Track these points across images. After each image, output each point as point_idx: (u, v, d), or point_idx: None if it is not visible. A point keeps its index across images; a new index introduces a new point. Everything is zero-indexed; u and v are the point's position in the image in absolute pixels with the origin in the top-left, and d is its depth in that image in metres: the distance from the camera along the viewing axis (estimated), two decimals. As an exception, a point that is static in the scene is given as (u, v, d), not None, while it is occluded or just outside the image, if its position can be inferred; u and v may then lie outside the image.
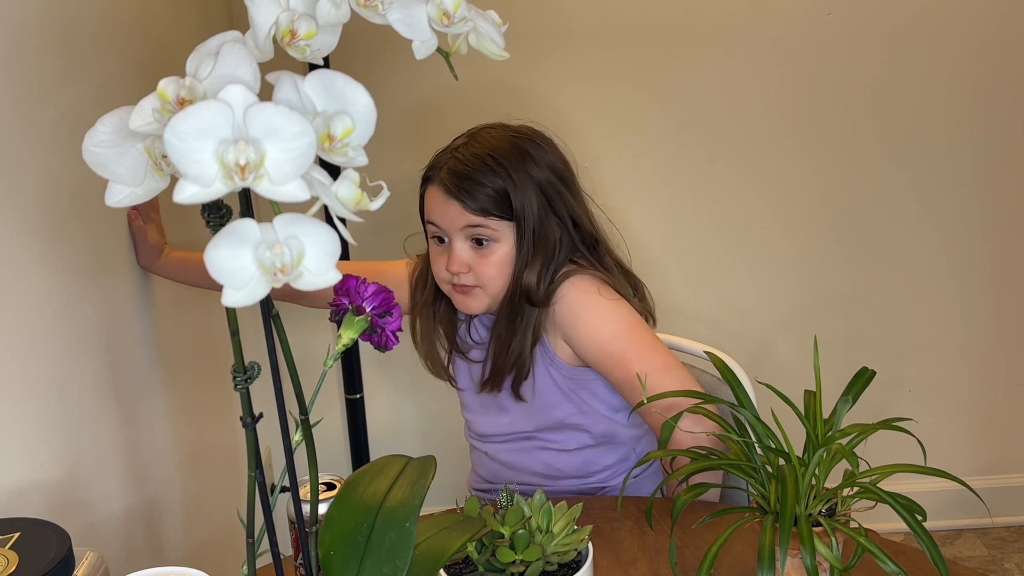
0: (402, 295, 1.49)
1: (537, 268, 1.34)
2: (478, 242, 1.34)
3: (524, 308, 1.35)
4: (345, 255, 1.94)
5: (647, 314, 1.42)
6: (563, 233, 1.36)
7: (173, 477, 1.44)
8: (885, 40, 2.04)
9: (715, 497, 1.39)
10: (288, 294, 1.51)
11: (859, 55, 2.04)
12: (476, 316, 1.44)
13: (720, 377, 1.11)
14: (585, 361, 1.38)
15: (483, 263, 1.34)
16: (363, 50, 1.95)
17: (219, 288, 0.57)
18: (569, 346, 1.37)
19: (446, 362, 1.48)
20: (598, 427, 1.42)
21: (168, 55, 1.47)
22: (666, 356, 1.34)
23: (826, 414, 0.99)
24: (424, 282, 1.46)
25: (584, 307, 1.35)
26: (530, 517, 0.97)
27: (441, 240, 1.37)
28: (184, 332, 1.56)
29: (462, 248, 1.34)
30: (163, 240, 1.42)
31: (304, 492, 1.00)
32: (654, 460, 1.45)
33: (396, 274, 1.50)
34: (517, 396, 1.39)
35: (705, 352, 1.29)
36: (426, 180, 1.37)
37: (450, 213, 1.33)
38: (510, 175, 1.32)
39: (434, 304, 1.45)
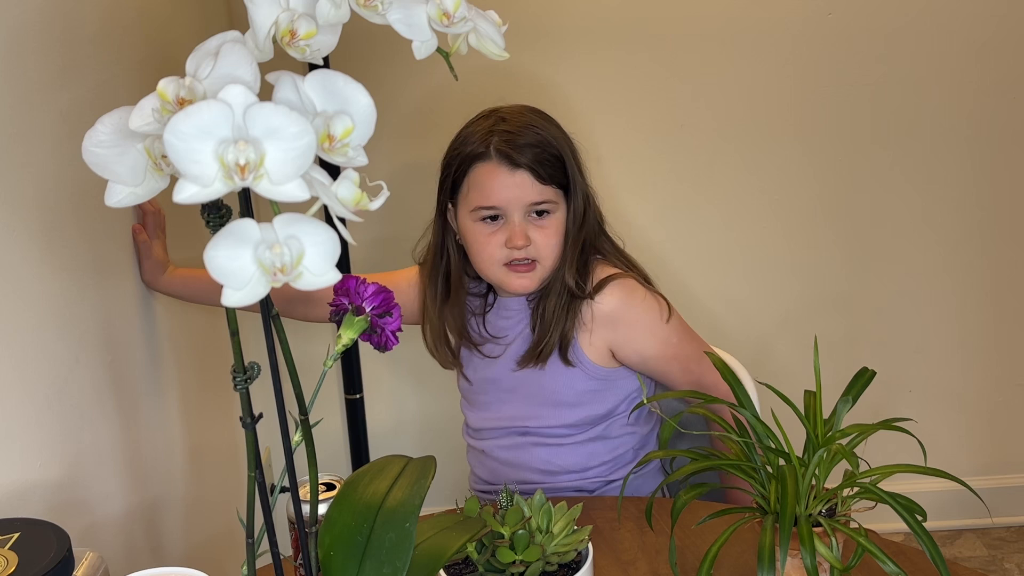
0: (412, 302, 1.48)
1: (580, 245, 1.35)
2: (537, 214, 1.34)
3: (563, 277, 1.36)
4: (344, 255, 1.95)
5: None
6: (589, 203, 1.38)
7: (173, 477, 1.44)
8: (885, 40, 2.04)
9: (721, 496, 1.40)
10: (287, 307, 1.51)
11: (859, 55, 2.04)
12: (494, 307, 1.44)
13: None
14: (629, 362, 1.40)
15: (544, 234, 1.34)
16: (363, 50, 1.95)
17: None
18: (612, 348, 1.38)
19: (456, 353, 1.47)
20: (596, 427, 1.42)
21: (168, 55, 1.47)
22: (703, 344, 1.41)
23: (826, 414, 0.99)
24: (435, 281, 1.44)
25: (638, 312, 1.37)
26: (530, 517, 0.97)
27: (493, 219, 1.34)
28: (184, 332, 1.56)
29: (522, 221, 1.33)
30: (167, 258, 1.42)
31: (304, 492, 1.00)
32: (653, 459, 1.45)
33: (406, 281, 1.49)
34: (567, 362, 1.38)
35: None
36: (470, 160, 1.33)
37: (520, 187, 1.31)
38: (555, 140, 1.34)
39: (445, 302, 1.44)
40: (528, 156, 1.31)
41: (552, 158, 1.33)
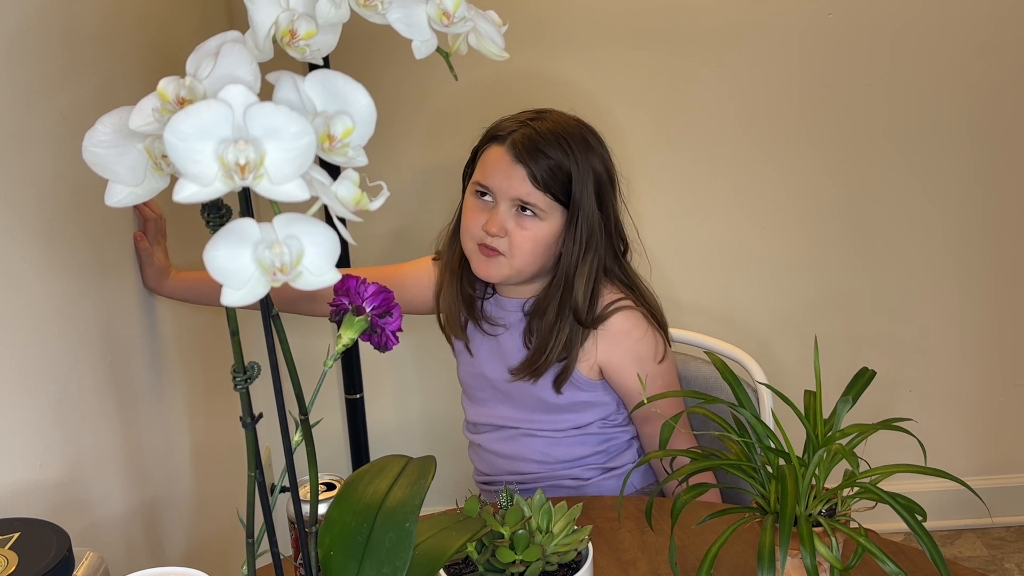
0: (425, 291, 1.50)
1: (586, 272, 1.36)
2: (522, 210, 1.35)
3: (572, 304, 1.37)
4: (344, 255, 1.95)
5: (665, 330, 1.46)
6: (604, 234, 1.38)
7: (173, 477, 1.44)
8: (886, 40, 2.04)
9: (717, 497, 1.40)
10: (292, 305, 1.52)
11: (859, 55, 2.04)
12: (493, 297, 1.45)
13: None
14: (613, 381, 1.42)
15: (521, 234, 1.35)
16: (363, 50, 1.95)
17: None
18: (603, 367, 1.41)
19: (464, 325, 1.48)
20: (590, 427, 1.45)
21: (168, 55, 1.47)
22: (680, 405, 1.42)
23: (826, 414, 0.99)
24: (453, 247, 1.45)
25: (634, 344, 1.39)
26: (530, 517, 0.97)
27: (484, 195, 1.37)
28: (185, 332, 1.56)
29: (506, 212, 1.35)
30: (169, 263, 1.42)
31: (304, 492, 1.00)
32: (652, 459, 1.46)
33: (423, 271, 1.51)
34: (558, 391, 1.41)
35: (706, 353, 1.31)
36: (491, 139, 1.38)
37: (512, 177, 1.34)
38: (576, 161, 1.35)
39: (460, 270, 1.45)
40: (536, 161, 1.33)
41: (561, 174, 1.34)
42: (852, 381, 1.03)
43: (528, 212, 1.35)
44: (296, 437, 0.72)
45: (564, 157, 1.34)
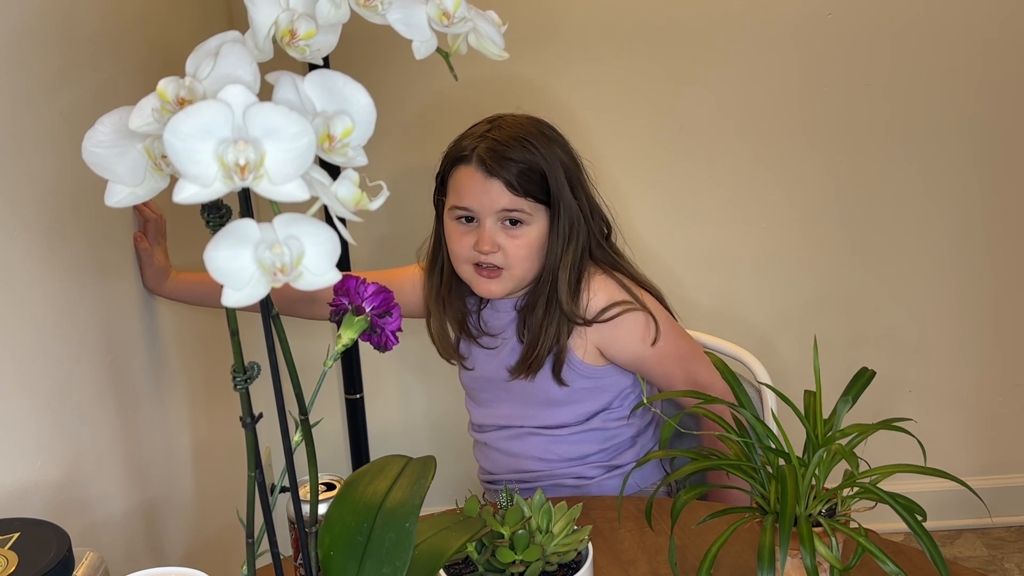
0: (417, 298, 1.49)
1: (569, 262, 1.36)
2: (511, 223, 1.35)
3: (558, 297, 1.37)
4: (344, 255, 1.95)
5: (662, 300, 1.45)
6: (584, 220, 1.39)
7: (174, 477, 1.44)
8: (886, 40, 2.04)
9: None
10: (292, 308, 1.52)
11: (859, 55, 2.04)
12: (488, 304, 1.45)
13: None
14: (621, 364, 1.42)
15: (514, 244, 1.35)
16: (363, 50, 1.95)
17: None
18: (603, 352, 1.41)
19: (456, 345, 1.48)
20: (592, 420, 1.45)
21: (168, 55, 1.47)
22: (695, 345, 1.44)
23: (826, 414, 0.99)
24: (434, 273, 1.45)
25: (618, 320, 1.38)
26: (530, 517, 0.97)
27: (468, 220, 1.36)
28: (185, 332, 1.56)
29: (493, 228, 1.35)
30: (169, 264, 1.42)
31: (304, 492, 1.00)
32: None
33: (409, 278, 1.51)
34: (560, 382, 1.41)
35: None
36: (456, 161, 1.37)
37: (490, 193, 1.33)
38: (544, 157, 1.35)
39: (445, 293, 1.45)
40: (507, 168, 1.33)
41: (534, 174, 1.34)
42: (852, 381, 1.03)
43: (514, 222, 1.35)
44: (296, 437, 0.72)
45: (531, 156, 1.34)
